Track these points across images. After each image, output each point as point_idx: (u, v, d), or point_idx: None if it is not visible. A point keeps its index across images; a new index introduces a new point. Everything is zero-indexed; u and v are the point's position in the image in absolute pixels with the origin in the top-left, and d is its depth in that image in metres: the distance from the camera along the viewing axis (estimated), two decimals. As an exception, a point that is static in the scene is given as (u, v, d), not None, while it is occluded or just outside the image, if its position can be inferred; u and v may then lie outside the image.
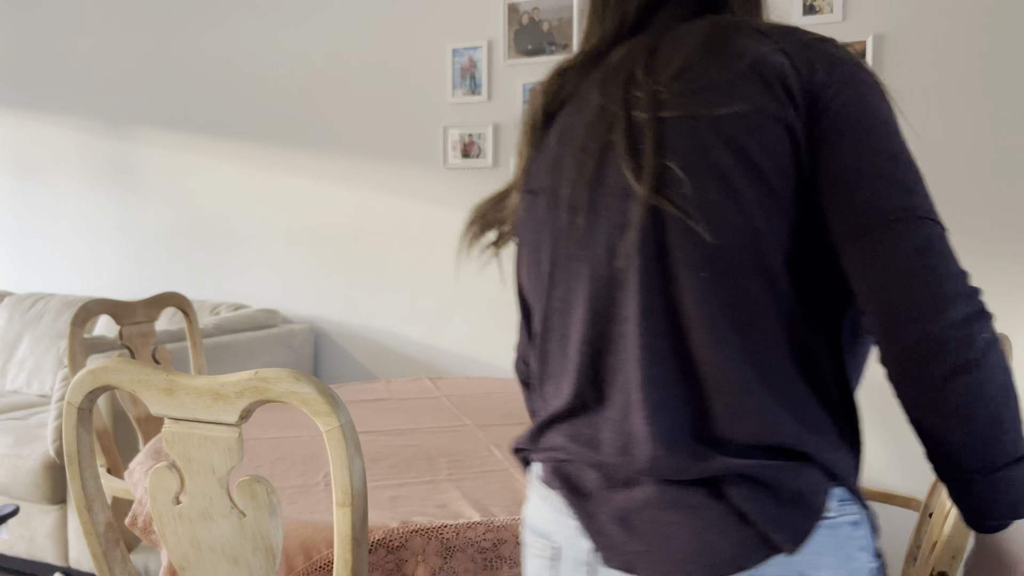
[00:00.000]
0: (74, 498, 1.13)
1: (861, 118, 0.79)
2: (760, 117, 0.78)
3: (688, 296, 0.80)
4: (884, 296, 0.75)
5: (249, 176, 3.48)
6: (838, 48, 0.82)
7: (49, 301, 3.63)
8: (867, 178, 0.77)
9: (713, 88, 0.81)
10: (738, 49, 0.82)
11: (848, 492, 0.80)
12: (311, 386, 0.97)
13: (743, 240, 0.78)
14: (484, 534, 1.23)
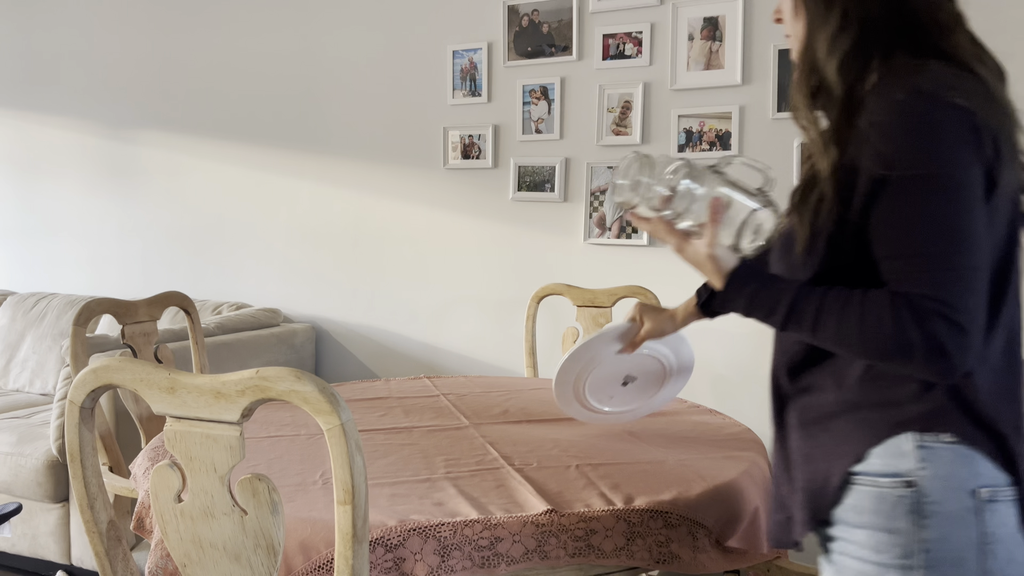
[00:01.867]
0: (76, 496, 1.14)
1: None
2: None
3: None
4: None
5: (251, 176, 3.49)
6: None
7: (51, 300, 3.65)
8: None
9: None
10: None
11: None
12: (312, 385, 0.98)
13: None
14: (481, 532, 1.24)
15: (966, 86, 0.96)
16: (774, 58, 2.58)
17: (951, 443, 0.99)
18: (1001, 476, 0.99)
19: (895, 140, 0.95)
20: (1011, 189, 0.99)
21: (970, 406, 0.99)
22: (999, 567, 0.98)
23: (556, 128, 2.91)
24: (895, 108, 0.96)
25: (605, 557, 1.27)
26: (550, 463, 1.54)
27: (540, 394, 2.10)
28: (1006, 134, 0.98)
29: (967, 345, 0.93)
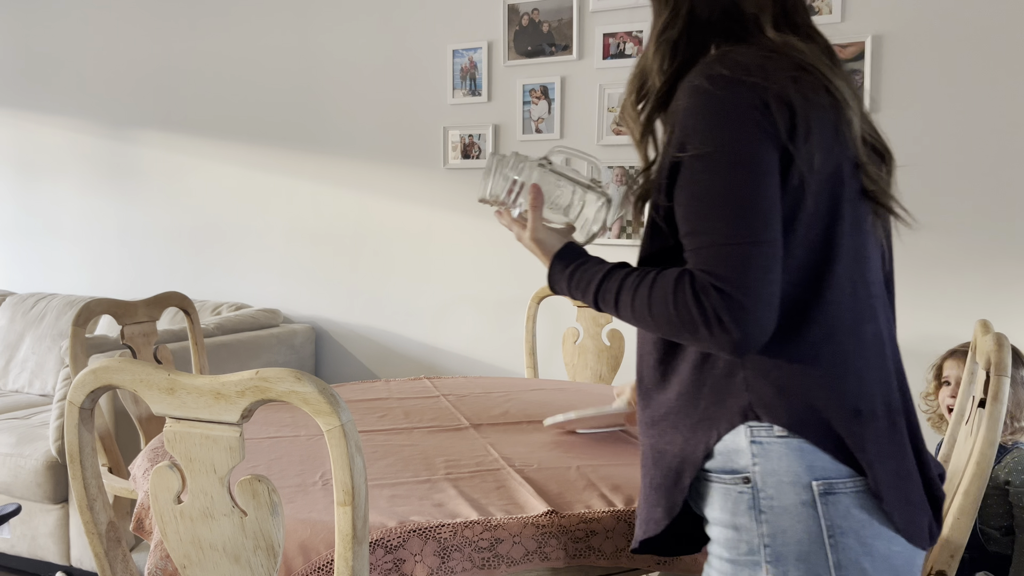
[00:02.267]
0: (76, 497, 1.13)
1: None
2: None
3: None
4: None
5: (250, 176, 3.48)
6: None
7: (51, 301, 3.64)
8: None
9: None
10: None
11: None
12: (312, 385, 0.97)
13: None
14: (481, 533, 1.24)
15: (766, 66, 0.97)
16: (775, 58, 2.58)
17: (781, 436, 0.98)
18: (838, 467, 0.97)
19: (686, 122, 0.98)
20: (829, 166, 0.98)
21: (796, 394, 0.98)
22: (852, 560, 0.97)
23: (556, 127, 2.90)
24: (690, 92, 0.98)
25: (605, 558, 1.27)
26: (550, 464, 1.53)
27: (540, 395, 2.10)
28: (817, 113, 0.97)
29: (747, 318, 0.93)
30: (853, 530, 0.97)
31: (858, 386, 0.99)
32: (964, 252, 2.42)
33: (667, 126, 1.04)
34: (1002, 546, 1.94)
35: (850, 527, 0.97)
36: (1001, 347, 1.34)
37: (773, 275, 0.94)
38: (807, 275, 0.98)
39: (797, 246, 0.98)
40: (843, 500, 0.97)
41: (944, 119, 2.43)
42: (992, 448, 1.31)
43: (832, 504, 0.97)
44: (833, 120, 0.99)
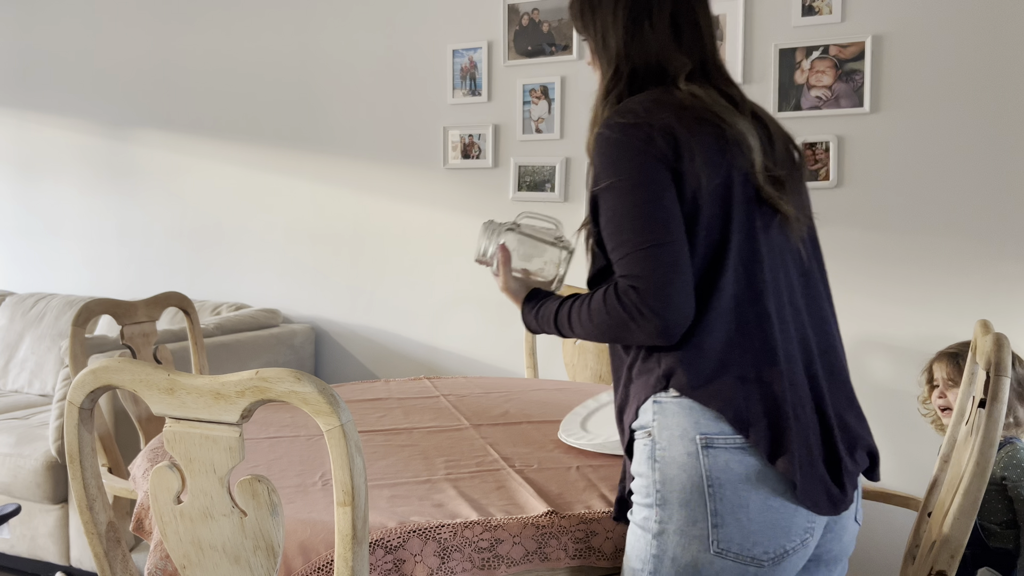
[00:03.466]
0: (75, 497, 1.13)
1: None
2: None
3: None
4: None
5: (250, 176, 3.48)
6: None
7: (50, 301, 3.64)
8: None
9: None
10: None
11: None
12: (312, 386, 0.97)
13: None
14: (481, 534, 1.24)
15: (651, 108, 1.18)
16: (775, 57, 2.58)
17: (675, 397, 1.15)
18: (720, 426, 1.12)
19: (596, 163, 1.20)
20: (716, 179, 1.16)
21: (693, 364, 1.14)
22: (728, 509, 1.11)
23: (556, 127, 2.90)
24: (597, 140, 1.20)
25: (606, 559, 1.27)
26: (551, 464, 1.53)
27: (541, 395, 2.10)
28: (699, 139, 1.16)
29: (663, 305, 1.11)
30: (731, 483, 1.11)
31: (743, 357, 1.14)
32: (964, 252, 2.42)
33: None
34: (1003, 540, 1.94)
35: (728, 480, 1.11)
36: (1001, 347, 1.34)
37: (679, 267, 1.13)
38: (705, 268, 1.16)
39: (699, 244, 1.16)
40: (722, 455, 1.12)
41: (944, 119, 2.43)
42: (992, 448, 1.31)
43: (712, 457, 1.12)
44: (717, 143, 1.18)
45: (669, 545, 1.13)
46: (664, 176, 1.15)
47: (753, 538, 1.11)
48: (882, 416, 2.51)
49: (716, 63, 1.29)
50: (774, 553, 1.12)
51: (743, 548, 1.11)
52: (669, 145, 1.16)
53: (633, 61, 1.26)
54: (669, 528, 1.13)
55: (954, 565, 1.36)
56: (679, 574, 1.13)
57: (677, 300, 1.11)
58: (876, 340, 2.52)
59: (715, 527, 1.11)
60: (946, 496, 1.46)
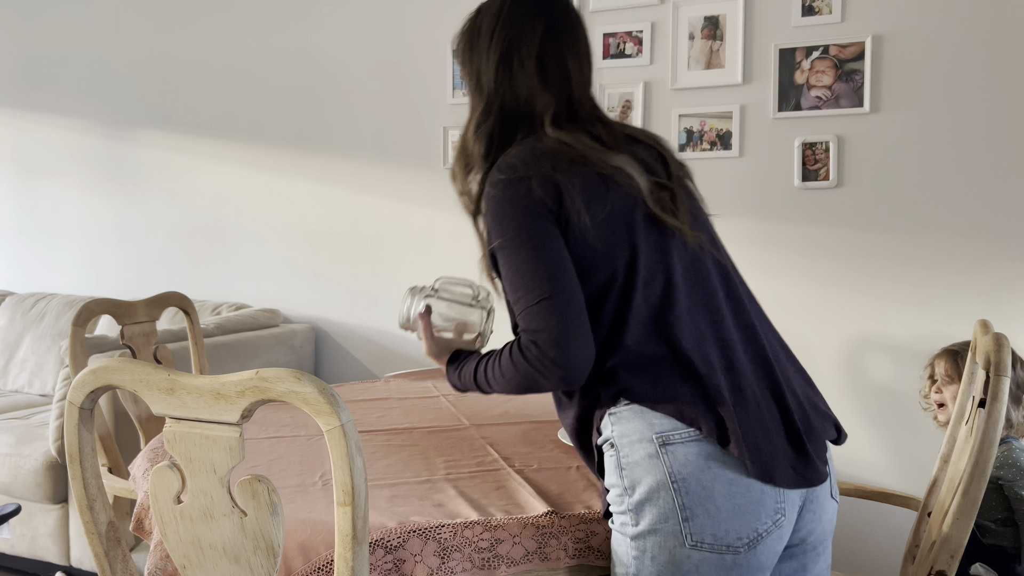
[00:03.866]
0: (75, 497, 1.13)
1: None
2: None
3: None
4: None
5: (250, 176, 3.48)
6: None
7: (50, 301, 3.64)
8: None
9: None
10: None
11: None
12: (312, 386, 0.97)
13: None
14: (481, 534, 1.24)
15: (528, 161, 1.24)
16: (775, 57, 2.58)
17: (627, 405, 1.19)
18: (673, 422, 1.16)
19: (487, 222, 1.28)
20: (607, 210, 1.23)
21: (634, 375, 1.20)
22: (695, 502, 1.14)
23: (556, 128, 2.90)
24: (485, 198, 1.29)
25: (606, 559, 1.27)
26: (550, 464, 1.53)
27: (540, 395, 2.10)
28: (579, 179, 1.23)
29: (562, 355, 1.18)
30: (693, 475, 1.14)
31: (674, 360, 1.20)
32: (964, 252, 2.42)
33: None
34: (999, 538, 1.95)
35: (690, 472, 1.15)
36: (1001, 347, 1.34)
37: (570, 317, 1.18)
38: (619, 292, 1.22)
39: (602, 274, 1.22)
40: (680, 449, 1.15)
41: (944, 119, 2.43)
42: (992, 448, 1.31)
43: (671, 453, 1.15)
44: (597, 179, 1.24)
45: (647, 545, 1.16)
46: (548, 226, 1.22)
47: (724, 526, 1.14)
48: (882, 416, 2.51)
49: (584, 102, 1.34)
50: (747, 538, 1.14)
51: (716, 537, 1.14)
52: (549, 193, 1.22)
53: (503, 98, 1.34)
54: (644, 529, 1.16)
55: (954, 565, 1.36)
56: (660, 572, 1.16)
57: (574, 349, 1.18)
58: (876, 340, 2.52)
59: (685, 520, 1.14)
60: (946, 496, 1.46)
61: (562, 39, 1.35)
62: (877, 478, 2.52)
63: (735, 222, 2.67)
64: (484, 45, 1.36)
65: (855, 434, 2.56)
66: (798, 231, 2.60)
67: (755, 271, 2.66)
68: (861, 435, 2.55)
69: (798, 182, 2.58)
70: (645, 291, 1.22)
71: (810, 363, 2.60)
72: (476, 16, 1.40)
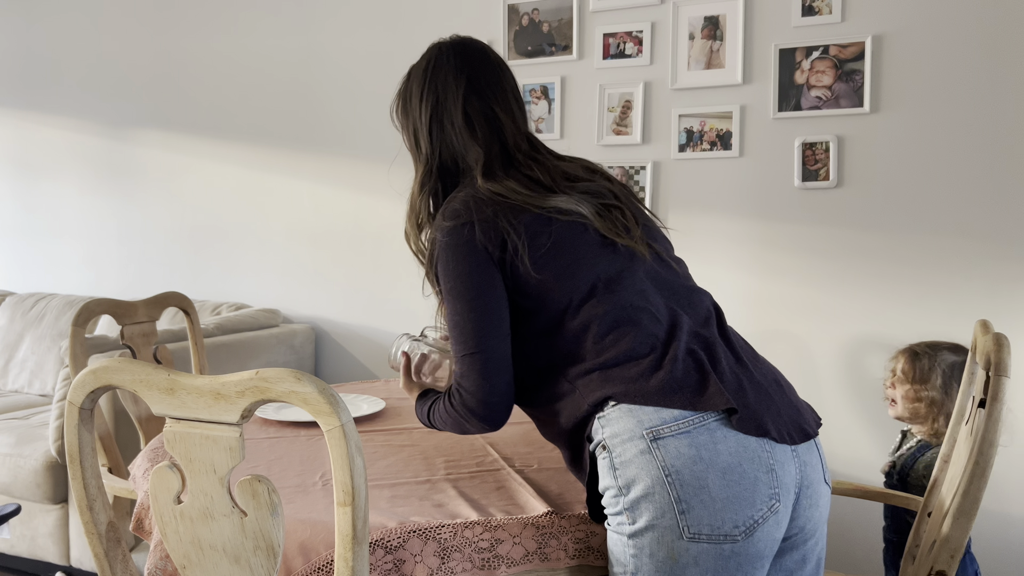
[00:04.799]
0: (75, 497, 1.13)
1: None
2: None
3: None
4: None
5: (250, 176, 3.48)
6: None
7: (50, 301, 3.64)
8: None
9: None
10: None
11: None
12: (312, 386, 0.97)
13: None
14: (482, 534, 1.24)
15: (471, 207, 1.31)
16: (775, 57, 2.58)
17: (615, 405, 1.21)
18: (660, 415, 1.18)
19: (435, 269, 1.35)
20: (553, 238, 1.29)
21: (609, 381, 1.23)
22: (689, 494, 1.15)
23: (556, 128, 2.90)
24: (434, 245, 1.36)
25: (606, 559, 1.27)
26: (550, 465, 1.53)
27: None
28: (521, 218, 1.29)
29: (479, 405, 1.29)
30: (687, 467, 1.15)
31: (649, 353, 1.24)
32: (964, 252, 2.42)
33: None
34: None
35: (683, 465, 1.15)
36: (1001, 347, 1.34)
37: (488, 371, 1.28)
38: (578, 308, 1.28)
39: (562, 299, 1.28)
40: (671, 443, 1.16)
41: (944, 119, 2.43)
42: (992, 449, 1.31)
43: (663, 448, 1.16)
44: (541, 216, 1.30)
45: (645, 542, 1.16)
46: (488, 274, 1.29)
47: (721, 515, 1.14)
48: (882, 416, 2.51)
49: (520, 144, 1.40)
50: (744, 526, 1.15)
51: (713, 527, 1.14)
52: (492, 238, 1.29)
53: (440, 156, 1.42)
54: (641, 526, 1.17)
55: (954, 565, 1.36)
56: (659, 568, 1.16)
57: (491, 400, 1.29)
58: (876, 340, 2.52)
59: (682, 513, 1.14)
60: (946, 496, 1.46)
61: (485, 91, 1.42)
62: (877, 478, 2.52)
63: (735, 222, 2.67)
64: (415, 108, 1.44)
65: (855, 434, 2.56)
66: (798, 231, 2.60)
67: (755, 271, 2.66)
68: (861, 435, 2.55)
69: (798, 182, 2.58)
70: (606, 302, 1.27)
71: (810, 363, 2.60)
72: (407, 80, 1.47)
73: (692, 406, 1.18)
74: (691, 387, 1.20)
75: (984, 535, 2.42)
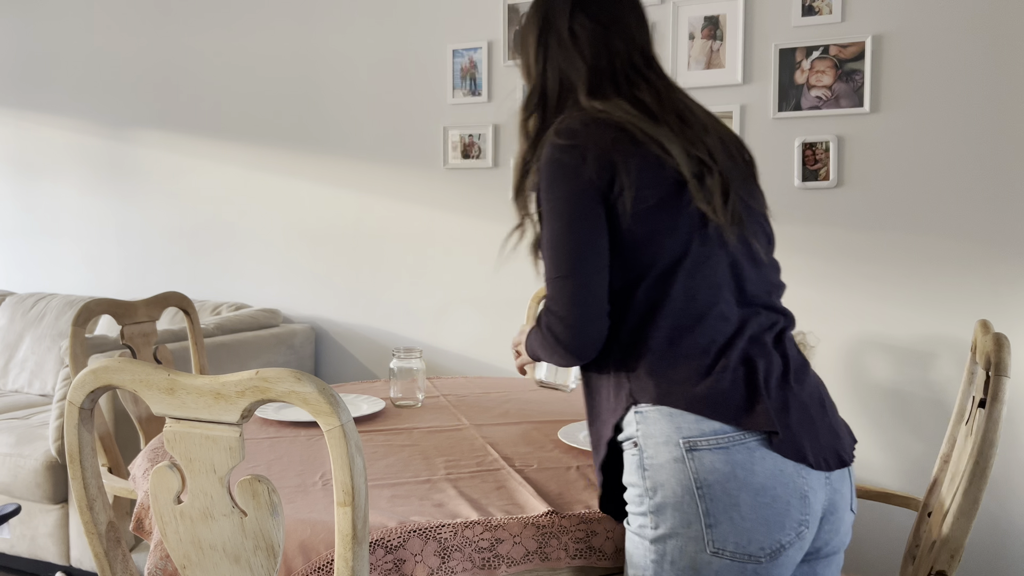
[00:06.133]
0: (75, 497, 1.13)
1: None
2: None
3: None
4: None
5: (250, 176, 3.48)
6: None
7: (50, 301, 3.64)
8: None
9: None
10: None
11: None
12: (312, 386, 0.97)
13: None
14: (482, 534, 1.24)
15: (589, 130, 1.22)
16: (775, 57, 2.58)
17: (655, 405, 1.17)
18: (700, 426, 1.14)
19: (539, 179, 1.26)
20: (654, 197, 1.21)
21: (658, 374, 1.19)
22: (718, 510, 1.12)
23: (556, 128, 2.90)
24: (543, 153, 1.26)
25: (606, 559, 1.27)
26: (550, 464, 1.53)
27: (540, 395, 2.10)
28: (636, 161, 1.20)
29: (570, 332, 1.21)
30: (719, 483, 1.13)
31: (701, 358, 1.18)
32: (964, 252, 2.42)
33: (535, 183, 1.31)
34: None
35: (716, 480, 1.13)
36: (1001, 347, 1.34)
37: (582, 299, 1.20)
38: (653, 284, 1.21)
39: (641, 264, 1.21)
40: (707, 456, 1.13)
41: (944, 119, 2.43)
42: (992, 449, 1.31)
43: (697, 460, 1.13)
44: (655, 162, 1.21)
45: (667, 549, 1.15)
46: (591, 203, 1.21)
47: (748, 535, 1.12)
48: (882, 416, 2.51)
49: (633, 59, 1.32)
50: (770, 548, 1.13)
51: (738, 546, 1.12)
52: (602, 169, 1.21)
53: (545, 79, 1.35)
54: (665, 533, 1.15)
55: (954, 565, 1.36)
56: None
57: (583, 329, 1.21)
58: (876, 340, 2.52)
59: (709, 527, 1.13)
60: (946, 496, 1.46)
61: (594, 9, 1.33)
62: (877, 478, 2.52)
63: (735, 222, 2.67)
64: (527, 31, 1.38)
65: (855, 434, 2.56)
66: (798, 231, 2.60)
67: (755, 271, 2.65)
68: (861, 435, 2.55)
69: (798, 182, 2.58)
70: (682, 285, 1.20)
71: (810, 363, 2.60)
72: (530, 8, 1.40)
73: (736, 422, 1.14)
74: (737, 403, 1.15)
75: (984, 535, 2.42)
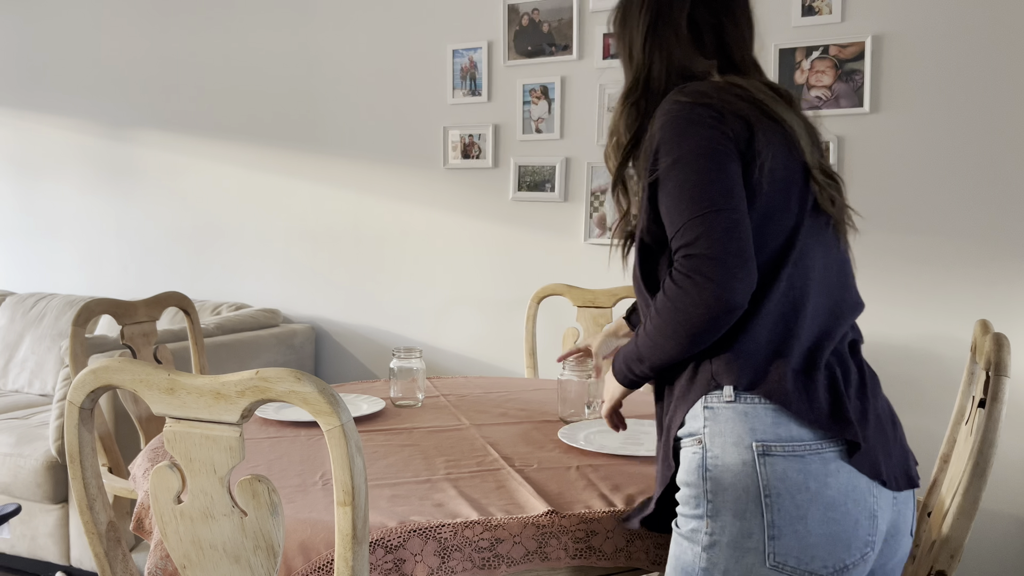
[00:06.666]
0: (76, 497, 1.13)
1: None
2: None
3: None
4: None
5: (250, 176, 3.48)
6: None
7: (51, 301, 3.64)
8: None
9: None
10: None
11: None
12: (312, 385, 0.97)
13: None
14: (482, 533, 1.24)
15: (720, 94, 1.14)
16: (775, 57, 2.58)
17: (729, 402, 1.09)
18: (777, 431, 1.07)
19: (659, 139, 1.13)
20: (781, 172, 1.13)
21: (751, 356, 1.10)
22: (784, 521, 1.05)
23: (556, 128, 2.90)
24: (660, 115, 1.16)
25: (606, 559, 1.27)
26: (550, 464, 1.53)
27: (540, 395, 2.10)
28: (769, 134, 1.13)
29: (719, 269, 1.05)
30: (789, 492, 1.05)
31: (795, 353, 1.10)
32: (964, 252, 2.42)
33: (639, 166, 1.22)
34: None
35: (786, 489, 1.05)
36: (1001, 347, 1.34)
37: (737, 233, 1.06)
38: (766, 261, 1.11)
39: (764, 232, 1.11)
40: (780, 463, 1.06)
41: (944, 119, 2.43)
42: (992, 449, 1.31)
43: (770, 465, 1.06)
44: (784, 139, 1.16)
45: (721, 558, 1.08)
46: (730, 150, 1.10)
47: (812, 551, 1.06)
48: (882, 416, 2.51)
49: (747, 63, 1.28)
50: (833, 568, 1.06)
51: (800, 562, 1.06)
52: (739, 128, 1.12)
53: (651, 68, 1.25)
54: (722, 540, 1.08)
55: (954, 565, 1.36)
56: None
57: (736, 265, 1.05)
58: (875, 340, 2.52)
59: (772, 539, 1.06)
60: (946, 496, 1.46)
61: (714, 2, 1.28)
62: (877, 478, 2.52)
63: (735, 222, 2.67)
64: (634, 16, 1.29)
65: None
66: (798, 231, 2.60)
67: (755, 271, 2.65)
68: (861, 435, 2.55)
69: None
70: (788, 277, 1.13)
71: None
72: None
73: (818, 426, 1.07)
74: (823, 407, 1.08)
75: (984, 535, 2.42)
